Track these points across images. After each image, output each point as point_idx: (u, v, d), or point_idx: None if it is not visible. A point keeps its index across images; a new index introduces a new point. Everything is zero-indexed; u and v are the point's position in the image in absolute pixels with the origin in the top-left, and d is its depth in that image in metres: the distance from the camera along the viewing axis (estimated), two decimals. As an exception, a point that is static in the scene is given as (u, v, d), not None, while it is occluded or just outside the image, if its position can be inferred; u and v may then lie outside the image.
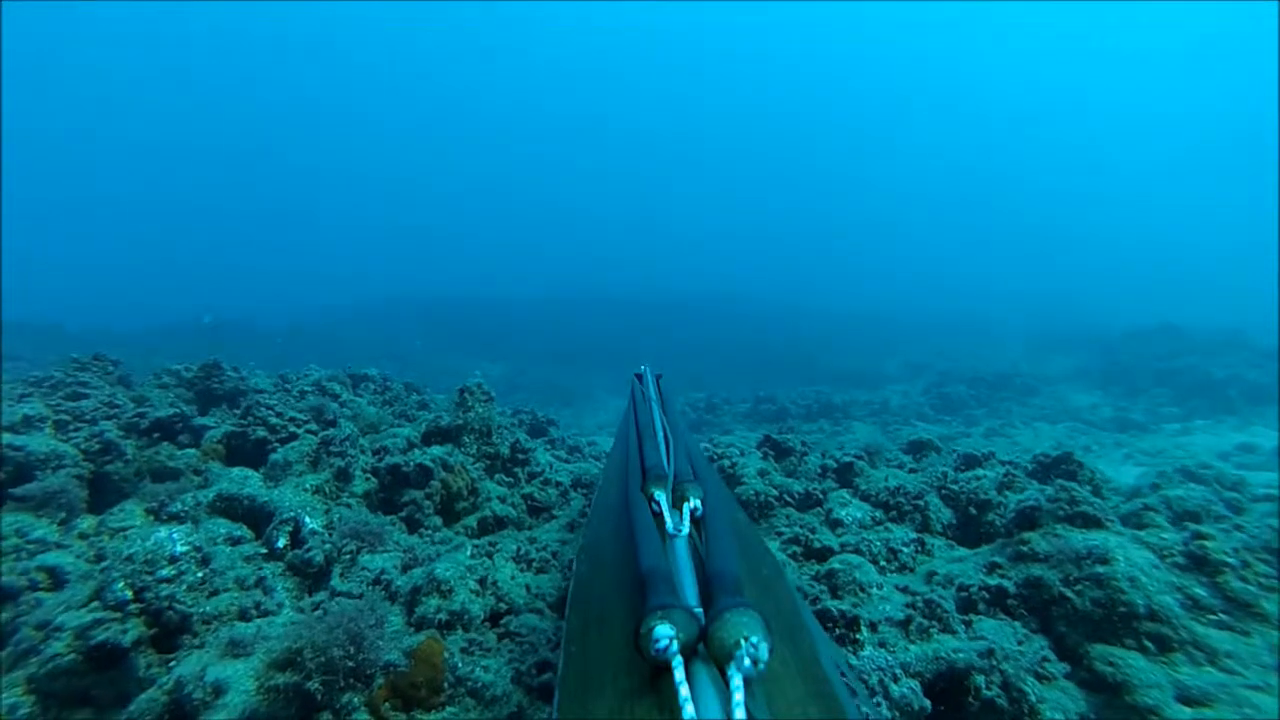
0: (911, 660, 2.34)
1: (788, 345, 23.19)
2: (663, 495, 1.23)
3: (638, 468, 1.41)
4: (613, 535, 1.31)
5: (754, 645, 0.66)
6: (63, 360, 6.19)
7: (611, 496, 1.63)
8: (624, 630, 0.82)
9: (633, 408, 2.29)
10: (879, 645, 2.41)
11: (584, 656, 0.92)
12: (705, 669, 0.69)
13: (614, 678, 0.78)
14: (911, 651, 2.39)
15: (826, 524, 4.23)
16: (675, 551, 1.03)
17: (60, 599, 2.52)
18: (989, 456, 4.88)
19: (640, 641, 0.71)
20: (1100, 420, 12.69)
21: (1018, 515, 3.24)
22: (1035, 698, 2.11)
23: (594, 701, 0.76)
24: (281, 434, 4.54)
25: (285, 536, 3.16)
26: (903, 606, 2.64)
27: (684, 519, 1.16)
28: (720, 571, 0.89)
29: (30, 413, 4.08)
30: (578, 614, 1.12)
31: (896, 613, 2.60)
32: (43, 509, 3.27)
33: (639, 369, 3.07)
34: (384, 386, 7.01)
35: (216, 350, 7.02)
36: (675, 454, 1.51)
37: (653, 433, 1.68)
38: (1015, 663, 2.20)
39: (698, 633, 0.72)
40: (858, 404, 13.66)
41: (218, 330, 15.56)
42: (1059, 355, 20.03)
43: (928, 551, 3.71)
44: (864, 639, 2.40)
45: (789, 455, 5.43)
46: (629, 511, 1.19)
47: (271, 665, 2.15)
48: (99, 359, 5.96)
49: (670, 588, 0.83)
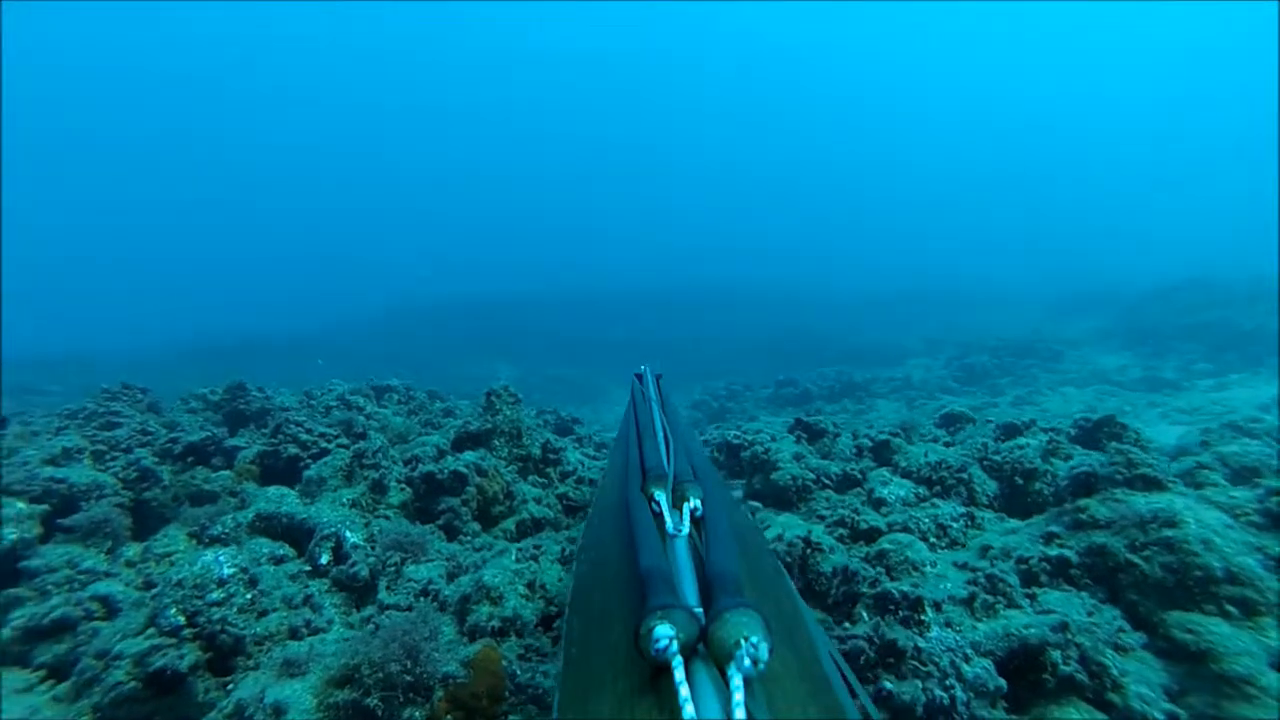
0: (981, 639, 2.27)
1: (801, 329, 22.98)
2: (663, 495, 1.23)
3: (638, 468, 1.41)
4: (613, 535, 1.30)
5: (754, 645, 0.67)
6: (93, 391, 6.27)
7: (611, 496, 1.62)
8: (624, 630, 0.82)
9: (633, 408, 2.29)
10: (945, 625, 2.34)
11: (584, 657, 0.92)
12: (705, 669, 0.69)
13: (614, 678, 0.77)
14: (980, 630, 2.32)
15: (870, 504, 4.15)
16: (675, 551, 1.02)
17: (116, 627, 2.52)
18: (1030, 425, 4.75)
19: (640, 641, 0.71)
20: (1130, 381, 12.40)
21: (1072, 482, 3.13)
22: (1118, 671, 2.02)
23: (594, 701, 0.76)
24: (313, 450, 4.54)
25: (328, 552, 3.15)
26: (964, 584, 2.56)
27: (684, 519, 1.16)
28: (720, 571, 0.88)
29: (68, 444, 4.12)
30: (578, 614, 1.11)
31: (959, 590, 2.52)
32: (90, 538, 3.30)
33: (639, 369, 3.05)
34: (407, 396, 7.02)
35: (243, 372, 7.06)
36: (675, 454, 1.51)
37: (653, 433, 1.67)
38: (1092, 635, 2.11)
39: (698, 633, 0.72)
40: (880, 381, 13.49)
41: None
42: (1080, 318, 19.64)
43: (978, 525, 3.62)
44: (929, 619, 2.33)
45: (822, 437, 5.34)
46: (629, 511, 1.19)
47: (330, 683, 2.13)
48: (128, 388, 6.02)
49: (670, 588, 0.83)
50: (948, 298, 27.29)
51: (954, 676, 2.10)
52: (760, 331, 22.96)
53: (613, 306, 29.62)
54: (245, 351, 21.58)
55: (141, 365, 16.83)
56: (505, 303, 32.08)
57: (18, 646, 2.55)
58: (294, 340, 24.70)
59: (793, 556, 3.20)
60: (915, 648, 2.18)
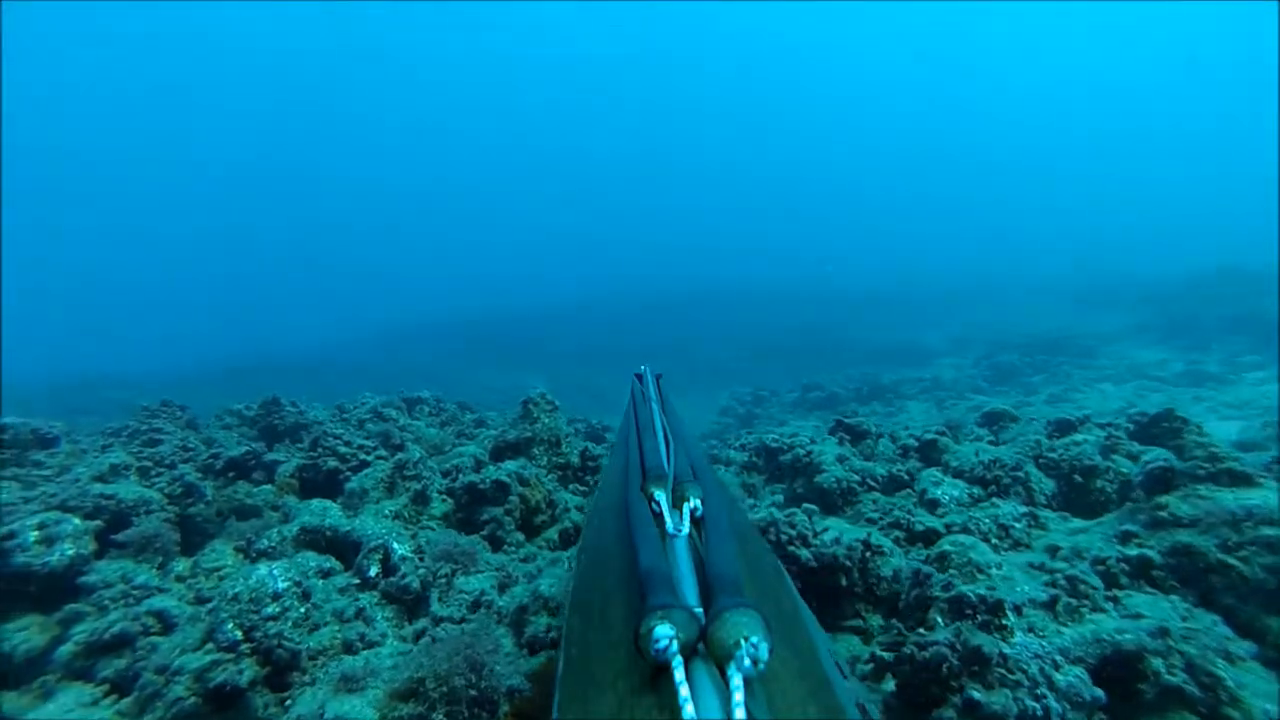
0: (1069, 645, 2.14)
1: (821, 330, 22.72)
2: (663, 495, 1.23)
3: (638, 468, 1.42)
4: (613, 535, 1.29)
5: (754, 645, 0.67)
6: (131, 409, 6.38)
7: (611, 497, 1.60)
8: (624, 630, 0.82)
9: (633, 408, 2.30)
10: (1028, 631, 2.21)
11: (584, 657, 0.91)
12: (705, 669, 0.69)
13: (614, 678, 0.77)
14: (1066, 635, 2.19)
15: (922, 505, 4.02)
16: (675, 551, 1.03)
17: (174, 642, 2.50)
18: (1084, 420, 4.58)
19: (640, 641, 0.71)
20: (1171, 376, 12.00)
21: (1146, 478, 2.98)
22: (1234, 683, 1.88)
23: (594, 701, 0.75)
24: (352, 462, 4.54)
25: (376, 565, 3.12)
26: (1043, 586, 2.43)
27: (684, 519, 1.16)
28: (720, 571, 0.88)
29: (116, 461, 4.17)
30: (578, 614, 1.10)
31: (1039, 593, 2.39)
32: (141, 554, 3.31)
33: (639, 369, 3.06)
34: (438, 408, 7.03)
35: (272, 388, 7.13)
36: (675, 454, 1.51)
37: (653, 433, 1.67)
38: (1198, 643, 1.97)
39: (698, 633, 0.72)
40: (908, 382, 13.25)
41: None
42: (1110, 313, 19.12)
43: (1041, 525, 3.47)
44: (1011, 624, 2.20)
45: (864, 438, 5.21)
46: (629, 511, 1.19)
47: (393, 697, 2.08)
48: (167, 405, 6.11)
49: (670, 588, 0.83)
50: (969, 296, 26.82)
51: (1045, 685, 1.98)
52: (781, 334, 22.75)
53: (630, 313, 29.60)
54: (269, 369, 21.92)
55: (168, 385, 17.16)
56: (523, 314, 32.25)
57: (80, 661, 2.55)
58: (313, 356, 25.04)
59: (851, 560, 3.09)
60: (1001, 655, 2.06)
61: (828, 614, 3.12)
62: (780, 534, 3.11)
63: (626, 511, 1.20)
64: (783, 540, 3.10)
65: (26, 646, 2.68)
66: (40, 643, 2.71)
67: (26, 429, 4.39)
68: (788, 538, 3.10)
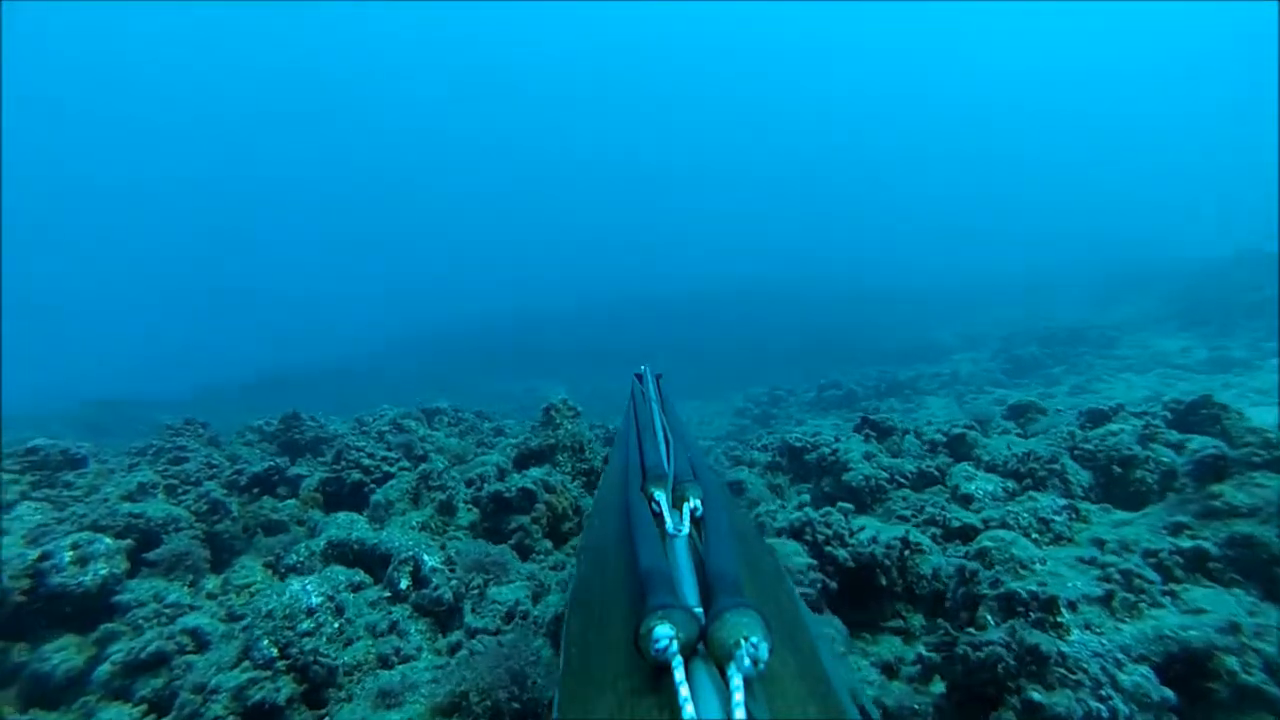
0: (1130, 642, 2.06)
1: (834, 329, 22.55)
2: (663, 495, 1.23)
3: (638, 468, 1.42)
4: (613, 535, 1.29)
5: (754, 645, 0.67)
6: (157, 427, 6.43)
7: (612, 497, 1.60)
8: (624, 630, 0.82)
9: (633, 408, 2.31)
10: (1085, 628, 2.13)
11: (584, 657, 0.90)
12: (705, 669, 0.69)
13: (614, 678, 0.77)
14: (1126, 632, 2.11)
15: (955, 501, 3.94)
16: (675, 552, 1.03)
17: (210, 660, 2.48)
18: (1118, 410, 4.47)
19: (640, 642, 0.71)
20: (1195, 363, 11.77)
21: (1196, 466, 2.89)
22: (1315, 678, 1.80)
23: (594, 702, 0.75)
24: (376, 474, 4.53)
25: (407, 577, 3.09)
26: (1096, 580, 2.35)
27: (684, 519, 1.16)
28: (720, 571, 0.89)
29: (143, 480, 4.19)
30: (578, 614, 1.09)
31: (1092, 588, 2.31)
32: (172, 572, 3.31)
33: (639, 368, 3.07)
34: (457, 418, 7.03)
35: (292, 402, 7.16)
36: (675, 454, 1.51)
37: (653, 433, 1.68)
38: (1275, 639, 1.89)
39: (698, 633, 0.72)
40: (925, 377, 13.09)
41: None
42: (1128, 303, 18.81)
43: (1083, 518, 3.38)
44: (1067, 621, 2.13)
45: (890, 435, 5.13)
46: (629, 512, 1.19)
47: (435, 712, 2.04)
48: (190, 423, 6.15)
49: (670, 588, 0.84)
50: (982, 292, 26.52)
51: (1109, 685, 1.90)
52: (795, 334, 22.60)
53: (642, 316, 29.52)
54: (283, 384, 22.02)
55: (185, 403, 17.33)
56: (534, 320, 32.22)
57: (119, 681, 2.54)
58: (327, 369, 25.13)
59: (890, 559, 3.02)
60: (1059, 653, 1.99)
61: (867, 614, 3.05)
62: (816, 534, 3.05)
63: (626, 511, 1.21)
64: (819, 540, 3.03)
65: (66, 666, 2.68)
66: (79, 663, 2.71)
67: (56, 450, 4.42)
68: (824, 537, 3.03)
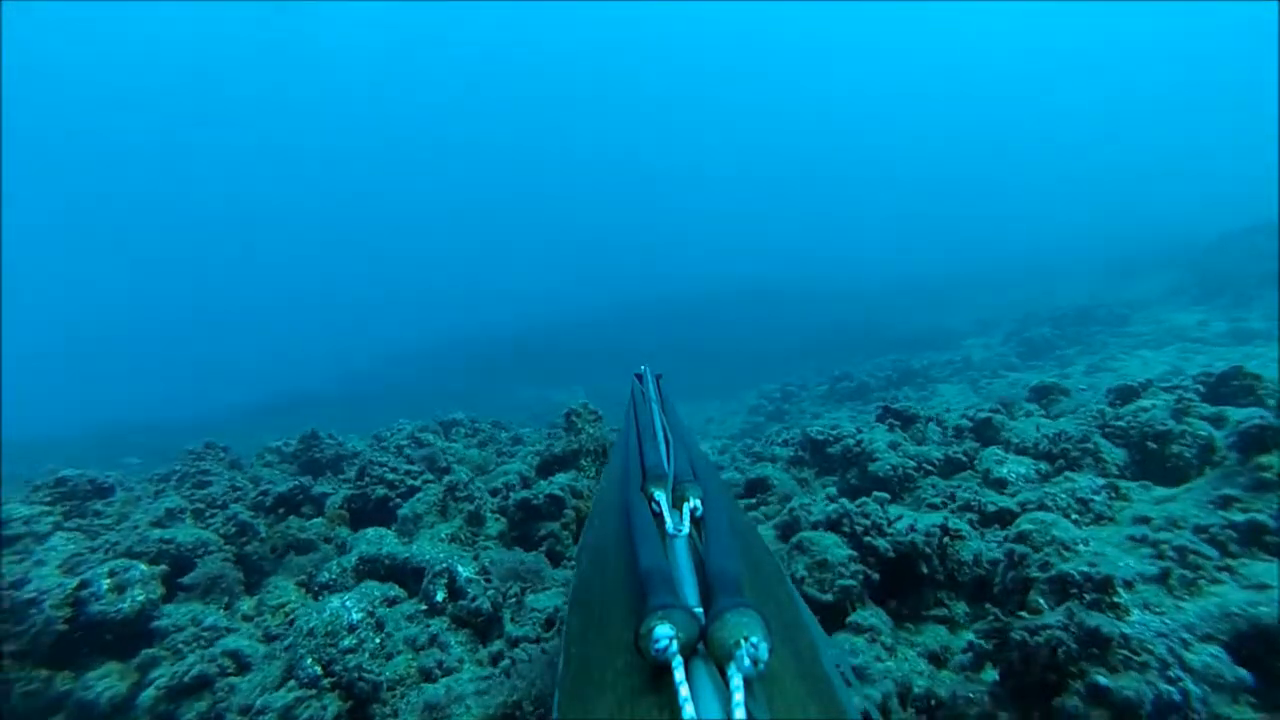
0: (1194, 621, 2.01)
1: (843, 323, 22.45)
2: (663, 495, 1.23)
3: (637, 468, 1.42)
4: (613, 535, 1.29)
5: (754, 645, 0.67)
6: (178, 453, 6.46)
7: (611, 497, 1.60)
8: (624, 630, 0.83)
9: (633, 408, 2.30)
10: (1144, 608, 2.08)
11: (584, 657, 0.90)
12: (705, 669, 0.69)
13: (614, 678, 0.77)
14: (1189, 610, 2.06)
15: (988, 485, 3.88)
16: (675, 552, 1.03)
17: (254, 681, 2.47)
18: (1147, 385, 4.40)
19: (640, 642, 0.71)
20: (1213, 336, 11.62)
21: (1241, 438, 2.83)
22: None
23: (594, 702, 0.75)
24: (401, 489, 4.52)
25: (443, 589, 3.07)
26: (1150, 558, 2.30)
27: (684, 519, 1.16)
28: (720, 571, 0.89)
29: (170, 505, 4.19)
30: (578, 614, 1.10)
31: (1146, 566, 2.26)
32: (208, 595, 3.30)
33: (639, 369, 3.08)
34: (474, 429, 7.02)
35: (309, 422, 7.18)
36: (675, 454, 1.52)
37: (652, 433, 1.68)
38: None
39: (698, 633, 0.72)
40: (938, 365, 12.99)
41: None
42: (1139, 280, 18.62)
43: (1123, 496, 3.32)
44: (1124, 601, 2.08)
45: (914, 423, 5.07)
46: (629, 511, 1.19)
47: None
48: (210, 446, 6.18)
49: (670, 588, 0.84)
50: (988, 278, 26.35)
51: (1178, 666, 1.85)
52: (805, 329, 22.53)
53: (651, 319, 29.50)
54: (292, 407, 22.10)
55: (198, 428, 17.41)
56: (543, 326, 32.23)
57: (163, 705, 2.53)
58: (331, 390, 25.20)
59: (930, 547, 2.97)
60: (1121, 635, 1.94)
61: (909, 604, 3.00)
62: (855, 524, 3.01)
63: (626, 511, 1.20)
64: (857, 531, 2.99)
65: (110, 694, 2.67)
66: (122, 689, 2.70)
67: (84, 479, 4.44)
68: (862, 528, 2.99)
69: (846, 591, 2.72)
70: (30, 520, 3.82)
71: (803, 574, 2.85)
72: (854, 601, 2.72)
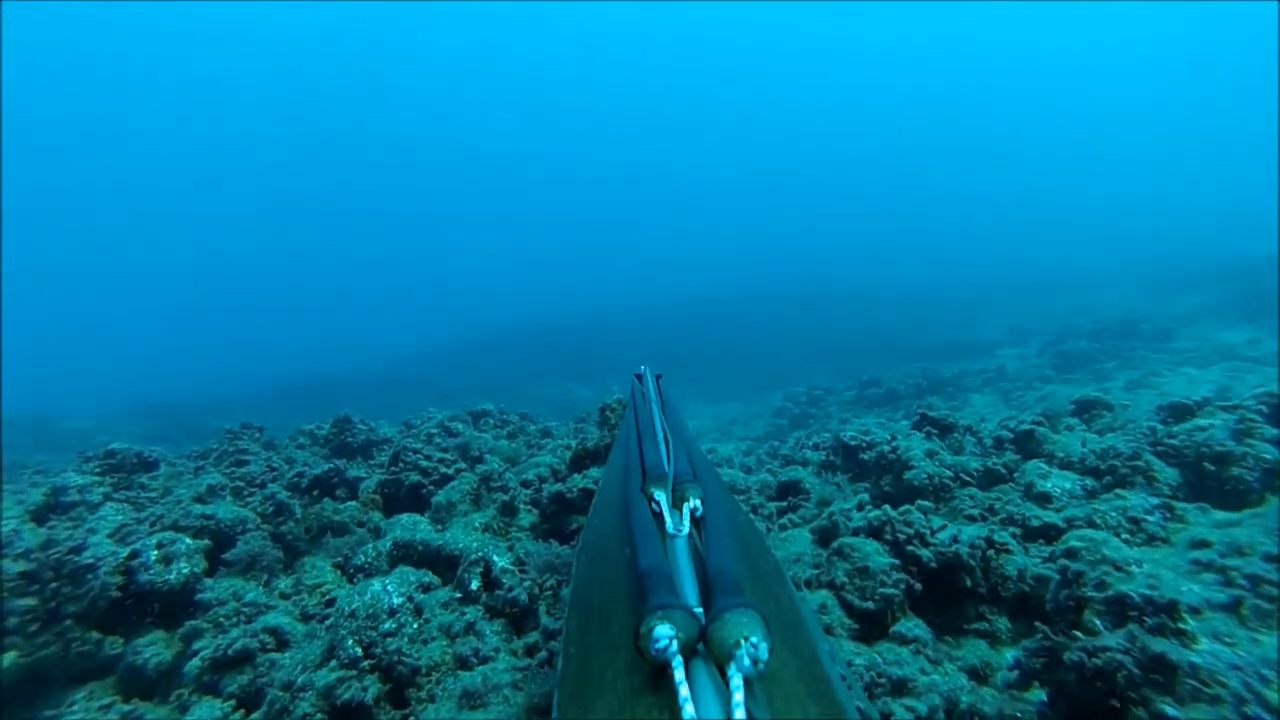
0: (1273, 655, 1.91)
1: (874, 328, 22.10)
2: (663, 495, 1.23)
3: (637, 468, 1.43)
4: (613, 535, 1.29)
5: (754, 645, 0.67)
6: (215, 432, 6.64)
7: (611, 496, 1.60)
8: (624, 630, 0.83)
9: (633, 408, 2.31)
10: (1214, 638, 1.99)
11: (583, 657, 0.90)
12: (705, 669, 0.69)
13: (614, 678, 0.77)
14: (1266, 644, 1.96)
15: (1029, 499, 3.77)
16: (675, 551, 1.03)
17: (295, 659, 2.52)
18: (1204, 404, 4.23)
19: (640, 641, 0.71)
20: (1265, 355, 11.14)
21: (1316, 463, 2.68)
22: None
23: (593, 702, 0.75)
24: (434, 476, 4.57)
25: (477, 578, 3.09)
26: (1219, 585, 2.20)
27: (684, 519, 1.17)
28: (720, 571, 0.88)
29: (212, 482, 4.30)
30: (578, 614, 1.09)
31: (1214, 593, 2.16)
32: (249, 571, 3.38)
33: (639, 369, 3.08)
34: (503, 420, 7.07)
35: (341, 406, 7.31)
36: (675, 454, 1.51)
37: (652, 433, 1.68)
38: None
39: (698, 633, 0.71)
40: (970, 374, 12.70)
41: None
42: (1183, 295, 17.93)
43: (1179, 518, 3.19)
44: (1192, 629, 1.99)
45: (952, 432, 4.96)
46: (629, 511, 1.19)
47: (532, 711, 2.01)
48: (247, 427, 6.33)
49: (670, 588, 0.83)
50: (1026, 285, 25.65)
51: (1257, 704, 1.76)
52: (833, 335, 22.25)
53: (675, 320, 29.42)
54: (323, 390, 22.58)
55: (234, 407, 17.86)
56: (571, 324, 32.33)
57: (207, 676, 2.59)
58: (361, 376, 25.66)
59: (974, 559, 2.89)
60: (1190, 664, 1.86)
61: (949, 616, 2.93)
62: (897, 532, 2.94)
63: (626, 511, 1.21)
64: (899, 539, 2.92)
65: (156, 660, 2.75)
66: (168, 657, 2.78)
67: (131, 453, 4.58)
68: (905, 536, 2.92)
69: (888, 600, 2.66)
70: (84, 489, 3.96)
71: (842, 580, 2.80)
72: (895, 611, 2.66)
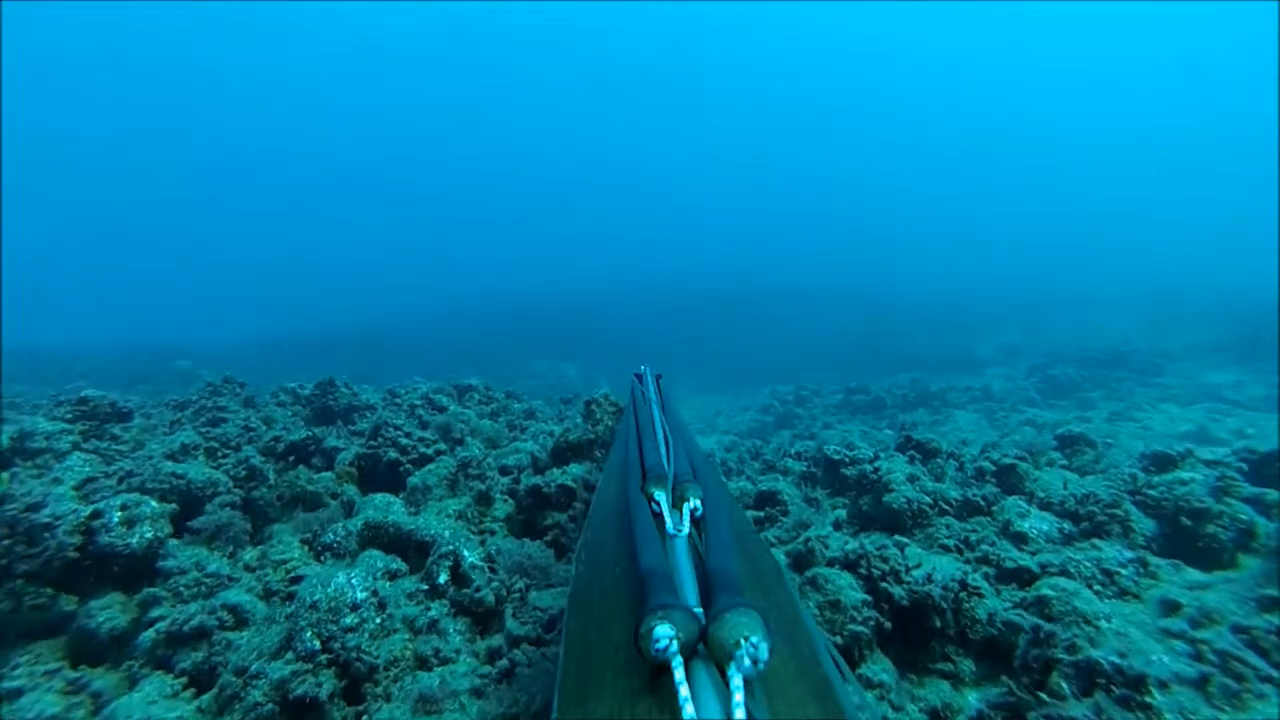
0: (1231, 735, 1.91)
1: (869, 331, 22.12)
2: (663, 495, 1.23)
3: (637, 468, 1.42)
4: (613, 535, 1.30)
5: (754, 645, 0.66)
6: (196, 381, 6.50)
7: (611, 496, 1.59)
8: (624, 630, 0.82)
9: (633, 408, 2.28)
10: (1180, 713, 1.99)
11: (584, 656, 0.90)
12: (705, 669, 0.69)
13: (614, 678, 0.77)
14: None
15: (1006, 537, 3.77)
16: (675, 551, 1.03)
17: (252, 644, 2.46)
18: (1186, 455, 4.24)
19: (640, 641, 0.71)
20: (1248, 399, 11.27)
21: (1294, 537, 2.68)
22: None
23: (594, 701, 0.75)
24: (412, 455, 4.49)
25: (446, 572, 3.04)
26: (1187, 658, 2.19)
27: (684, 519, 1.16)
28: (720, 571, 0.88)
29: (185, 441, 4.20)
30: (578, 614, 1.09)
31: (1183, 666, 2.16)
32: (214, 541, 3.31)
33: (639, 369, 3.03)
34: (488, 396, 6.99)
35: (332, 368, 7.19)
36: (675, 454, 1.50)
37: (652, 433, 1.66)
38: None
39: (698, 633, 0.71)
40: (956, 390, 12.75)
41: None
42: (1179, 331, 18.04)
43: (1151, 574, 3.20)
44: (1157, 704, 1.98)
45: (935, 457, 4.95)
46: (629, 512, 1.19)
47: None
48: (229, 381, 6.20)
49: (670, 588, 0.83)
50: (1022, 305, 25.73)
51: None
52: (828, 332, 22.27)
53: (669, 308, 29.34)
54: (319, 345, 22.36)
55: (228, 355, 17.64)
56: (563, 303, 32.19)
57: (161, 650, 2.54)
58: (354, 335, 25.40)
59: (946, 601, 2.89)
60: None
61: (913, 653, 2.93)
62: (872, 568, 2.93)
63: (626, 511, 1.20)
64: (874, 574, 2.91)
65: (110, 625, 2.70)
66: (123, 622, 2.73)
67: (105, 402, 4.46)
68: (880, 572, 2.91)
69: (856, 638, 2.65)
70: (51, 436, 3.84)
71: (814, 612, 2.78)
72: (863, 649, 2.66)
